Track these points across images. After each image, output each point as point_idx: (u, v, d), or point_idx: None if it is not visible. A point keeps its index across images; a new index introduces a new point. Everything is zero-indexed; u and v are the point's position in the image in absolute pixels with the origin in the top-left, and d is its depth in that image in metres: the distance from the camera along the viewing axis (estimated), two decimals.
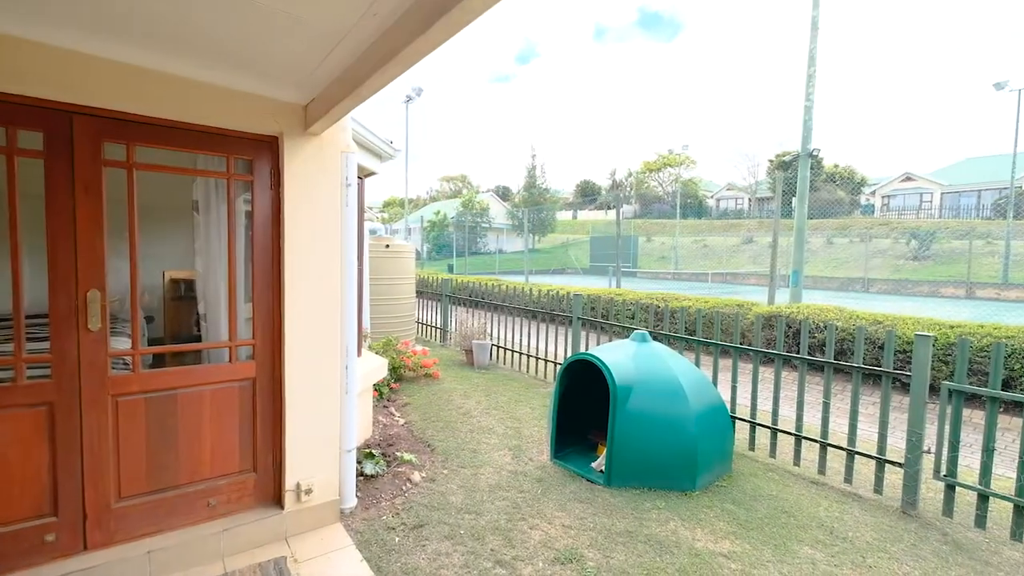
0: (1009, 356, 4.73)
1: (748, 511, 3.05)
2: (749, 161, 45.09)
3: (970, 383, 2.92)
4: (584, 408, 4.04)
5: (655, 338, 4.75)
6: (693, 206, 41.75)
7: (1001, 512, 2.98)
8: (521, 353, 6.68)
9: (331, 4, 1.56)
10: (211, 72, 2.25)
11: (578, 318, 5.81)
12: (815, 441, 3.53)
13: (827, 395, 3.46)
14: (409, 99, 30.94)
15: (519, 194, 45.89)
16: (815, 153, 7.84)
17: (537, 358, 6.40)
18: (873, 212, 35.87)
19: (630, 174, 48.84)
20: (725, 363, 5.40)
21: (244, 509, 2.64)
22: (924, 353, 3.01)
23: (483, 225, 40.25)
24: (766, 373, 6.24)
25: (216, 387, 2.55)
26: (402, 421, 4.62)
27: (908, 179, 37.60)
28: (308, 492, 2.71)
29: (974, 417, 4.83)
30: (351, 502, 2.97)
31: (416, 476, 3.42)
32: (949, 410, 2.96)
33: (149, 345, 4.00)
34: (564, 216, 49.75)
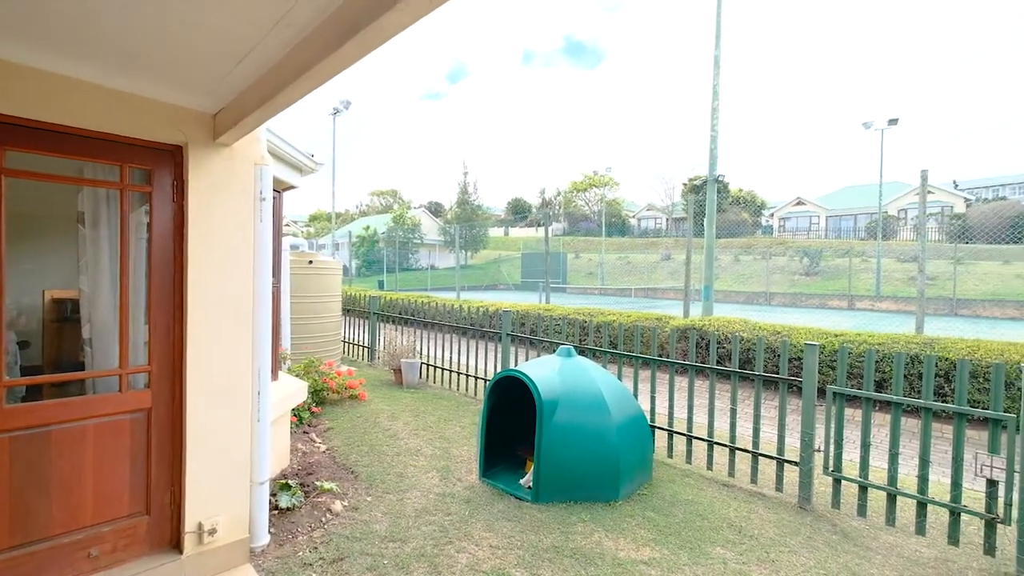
0: (880, 360, 5.38)
1: (667, 517, 3.19)
2: (665, 184, 48.44)
3: (851, 386, 3.32)
4: (514, 424, 4.06)
5: (581, 352, 4.90)
6: (617, 225, 43.87)
7: (879, 501, 3.35)
8: (451, 371, 6.61)
9: (241, 10, 1.49)
10: (104, 74, 2.06)
11: (507, 334, 5.86)
12: (724, 445, 3.79)
13: (734, 402, 3.73)
14: (337, 111, 30.06)
15: (451, 210, 45.81)
16: (720, 179, 8.58)
17: (468, 375, 6.35)
18: (772, 232, 40.00)
19: (559, 193, 50.56)
20: (646, 374, 5.68)
21: (134, 557, 2.36)
22: (812, 361, 3.35)
23: (415, 241, 39.67)
24: (683, 383, 6.63)
25: (102, 420, 2.28)
26: (323, 447, 4.38)
27: (799, 203, 42.46)
28: (212, 532, 2.47)
29: (856, 416, 5.42)
30: (263, 539, 2.75)
31: (337, 505, 3.24)
32: (835, 411, 3.30)
33: (23, 375, 3.49)
34: (496, 233, 50.28)
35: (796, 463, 3.42)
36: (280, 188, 3.96)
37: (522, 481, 3.61)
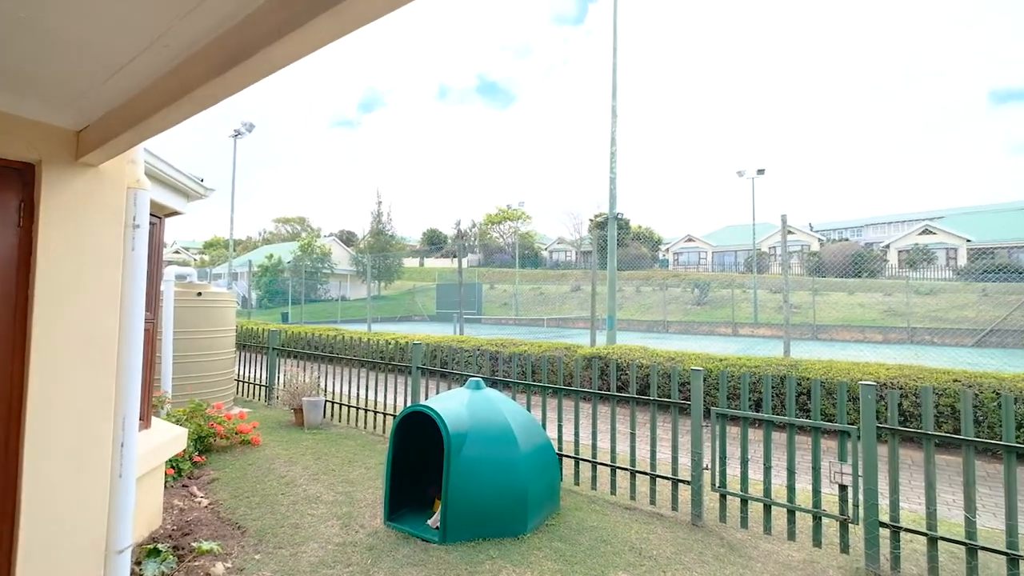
0: (757, 382, 6.02)
1: (573, 546, 3.24)
2: (574, 219, 51.19)
3: (732, 407, 3.66)
4: (424, 462, 3.93)
5: (493, 384, 4.92)
6: (530, 257, 45.32)
7: (758, 511, 3.67)
8: (358, 408, 6.28)
9: (111, 24, 1.38)
10: None
11: (418, 367, 5.72)
12: (625, 469, 3.96)
13: (633, 427, 3.94)
14: (239, 133, 28.35)
15: (364, 239, 44.45)
16: (620, 216, 9.29)
17: (376, 412, 6.07)
18: (668, 265, 43.94)
19: (474, 225, 51.27)
20: (558, 403, 5.81)
21: None
22: (698, 385, 3.66)
23: (324, 271, 37.76)
24: (590, 410, 6.86)
25: None
26: (206, 502, 3.91)
27: (690, 239, 47.31)
28: None
29: (753, 436, 5.96)
30: None
31: (219, 568, 2.89)
32: (719, 431, 3.61)
33: None
34: (412, 263, 49.50)
35: (689, 482, 3.67)
36: (161, 214, 3.61)
37: (430, 522, 3.48)
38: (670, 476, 3.76)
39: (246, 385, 8.20)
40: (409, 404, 5.80)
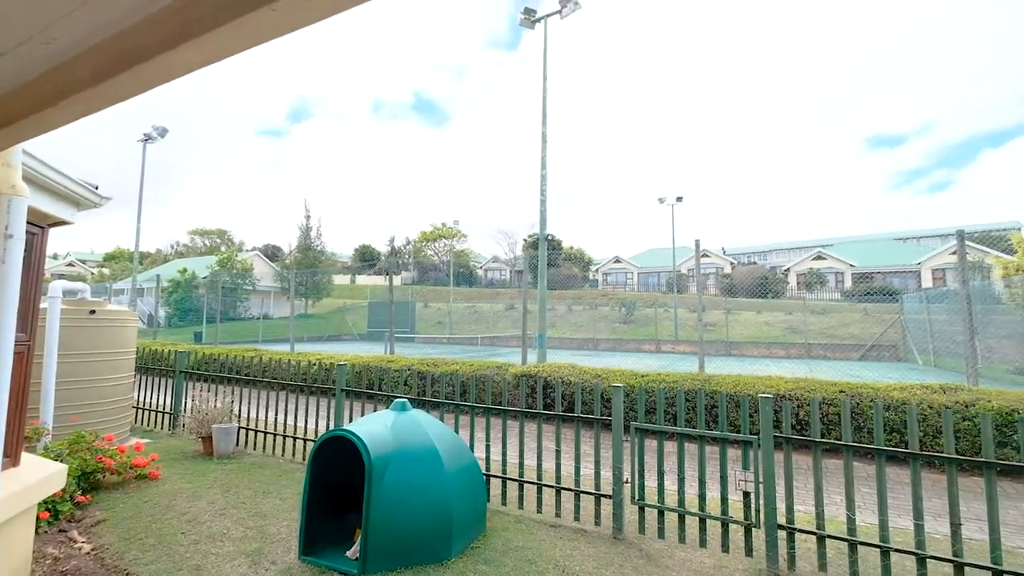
0: (673, 397, 6.35)
1: (498, 568, 3.21)
2: (509, 239, 52.08)
3: (650, 421, 3.85)
4: (348, 490, 3.73)
5: (422, 404, 4.82)
6: (465, 275, 45.28)
7: (673, 521, 3.84)
8: (276, 434, 5.88)
9: None
10: None
11: (342, 389, 5.48)
12: (551, 487, 4.01)
13: (558, 443, 4.02)
14: (149, 138, 26.20)
15: (291, 255, 42.25)
16: (552, 237, 9.55)
17: (296, 438, 5.72)
18: (598, 285, 45.88)
19: (409, 242, 50.50)
20: (491, 423, 5.78)
21: None
22: (618, 401, 3.81)
23: (245, 287, 35.35)
24: (524, 427, 6.89)
25: None
26: (88, 547, 3.47)
27: (618, 261, 49.96)
28: None
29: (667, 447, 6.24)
30: None
31: None
32: (637, 444, 3.77)
33: None
34: (343, 280, 47.65)
35: (611, 496, 3.78)
36: (44, 223, 3.24)
37: (349, 553, 3.31)
38: (593, 492, 3.85)
39: (148, 413, 7.43)
40: (332, 428, 5.52)
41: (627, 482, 3.77)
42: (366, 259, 53.21)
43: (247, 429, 6.12)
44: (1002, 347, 14.26)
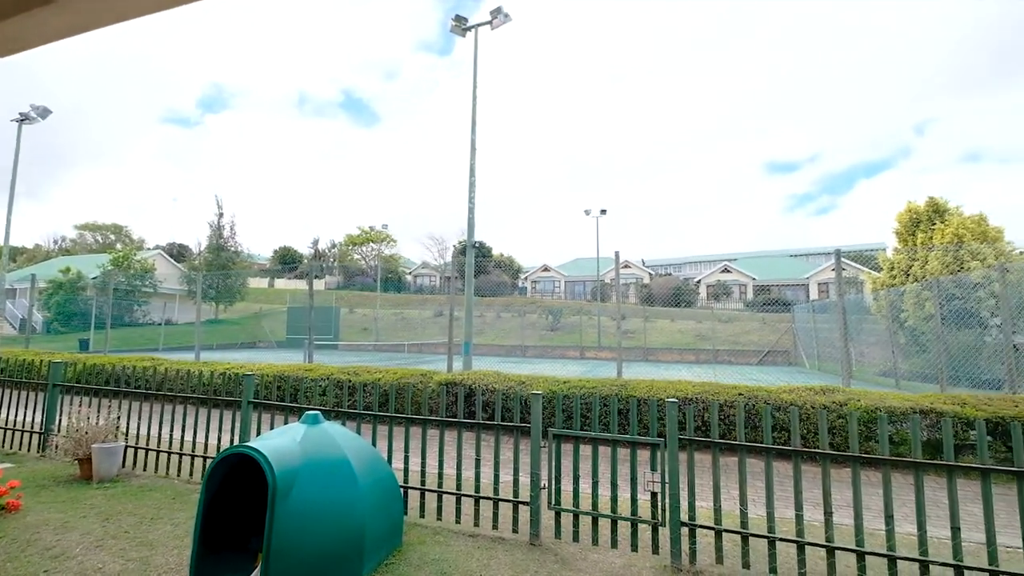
0: (589, 403, 6.59)
1: None
2: (439, 244, 51.53)
3: (566, 426, 3.95)
4: (251, 512, 3.47)
5: (338, 416, 4.61)
6: (394, 280, 44.20)
7: (587, 524, 3.97)
8: (170, 452, 5.35)
9: None
10: None
11: (249, 402, 5.11)
12: (469, 496, 4.00)
13: (478, 452, 4.01)
14: (25, 118, 23.14)
15: (201, 255, 38.84)
16: (480, 244, 9.62)
17: (194, 456, 5.24)
18: (527, 293, 46.71)
19: (334, 245, 48.38)
20: (412, 432, 5.64)
21: None
22: (537, 408, 3.89)
23: (145, 289, 31.99)
24: (446, 436, 6.81)
25: None
26: None
27: (546, 269, 51.39)
28: None
29: (584, 452, 6.44)
30: None
31: None
32: (554, 450, 3.86)
33: None
34: (260, 283, 44.55)
35: (528, 503, 3.83)
36: None
37: None
38: (511, 499, 3.88)
39: (11, 433, 6.46)
40: (236, 444, 5.12)
41: (544, 488, 3.85)
42: (286, 262, 50.20)
43: (136, 448, 5.52)
44: (871, 352, 16.40)
